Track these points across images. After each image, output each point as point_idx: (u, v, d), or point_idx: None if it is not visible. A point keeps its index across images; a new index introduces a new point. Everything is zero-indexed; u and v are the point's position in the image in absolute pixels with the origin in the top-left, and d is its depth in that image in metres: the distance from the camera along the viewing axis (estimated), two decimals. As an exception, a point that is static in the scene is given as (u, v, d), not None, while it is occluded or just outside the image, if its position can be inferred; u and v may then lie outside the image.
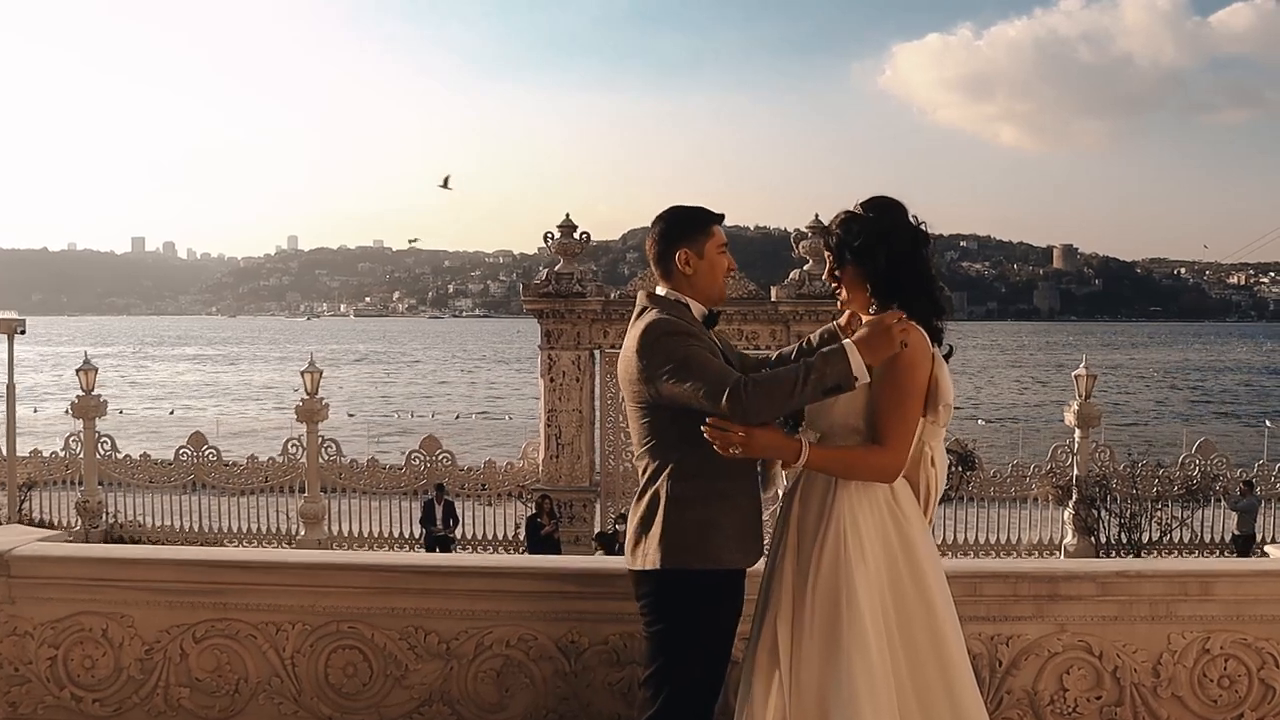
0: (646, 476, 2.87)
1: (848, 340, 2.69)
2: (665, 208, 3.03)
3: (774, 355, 3.18)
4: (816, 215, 14.54)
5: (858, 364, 2.64)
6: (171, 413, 31.95)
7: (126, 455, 16.38)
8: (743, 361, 3.09)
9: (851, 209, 2.90)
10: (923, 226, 2.88)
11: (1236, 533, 14.47)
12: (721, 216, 3.00)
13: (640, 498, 2.88)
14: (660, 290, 2.96)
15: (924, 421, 2.81)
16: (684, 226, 2.96)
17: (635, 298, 3.05)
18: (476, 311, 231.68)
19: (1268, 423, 23.44)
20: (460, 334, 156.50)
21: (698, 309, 2.92)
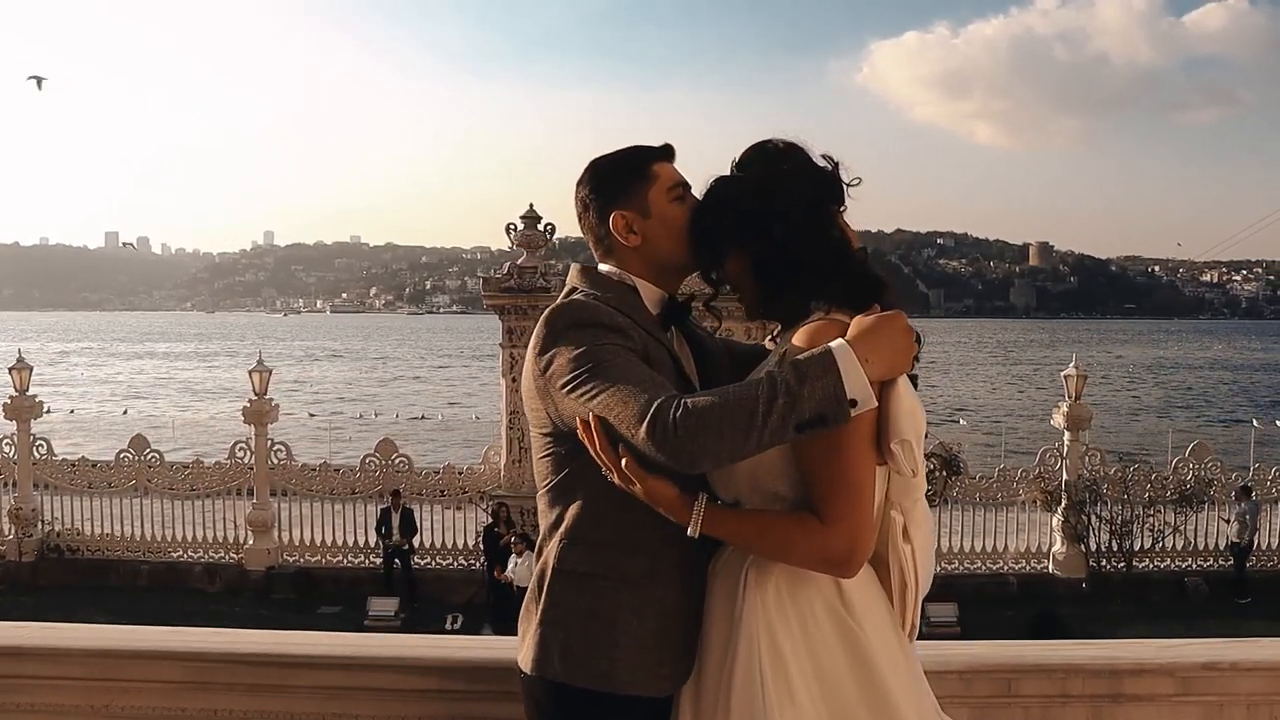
0: (541, 534, 2.05)
1: (840, 340, 1.75)
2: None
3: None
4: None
5: (856, 380, 1.70)
6: (125, 412, 30.71)
7: (64, 458, 15.41)
8: (731, 356, 2.23)
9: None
10: (837, 168, 1.97)
11: (1236, 541, 13.80)
12: (666, 150, 2.10)
13: (536, 562, 2.07)
14: (603, 267, 2.10)
15: (882, 472, 1.86)
16: (613, 180, 2.08)
17: None
18: (454, 308, 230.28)
19: (1255, 422, 22.97)
20: (437, 330, 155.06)
21: (652, 293, 2.06)
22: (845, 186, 1.98)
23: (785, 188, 1.93)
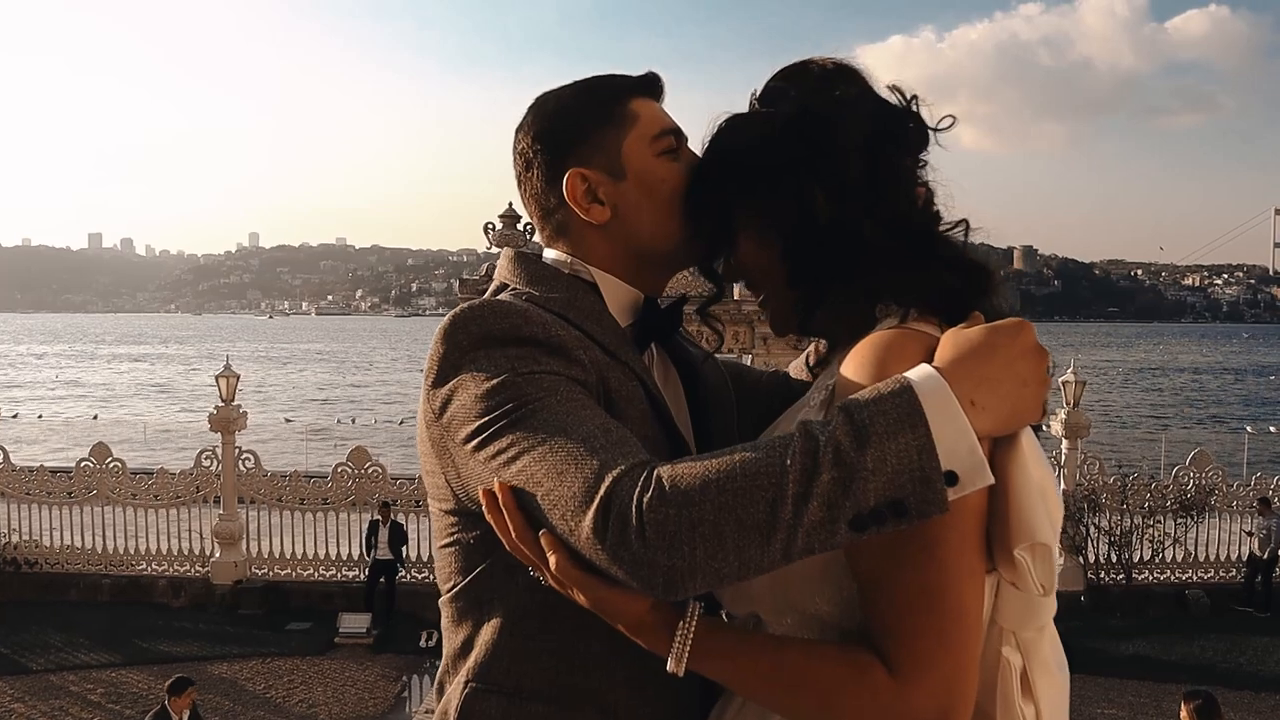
0: (443, 662, 1.42)
1: (926, 369, 1.08)
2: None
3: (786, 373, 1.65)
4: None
5: (958, 439, 1.03)
6: (95, 417, 29.94)
7: (23, 466, 14.77)
8: (742, 391, 1.57)
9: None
10: (914, 102, 1.30)
11: (1259, 555, 13.22)
12: (649, 82, 1.46)
13: (437, 703, 1.43)
14: (550, 254, 1.45)
15: (994, 582, 1.17)
16: (571, 122, 1.41)
17: None
18: (440, 310, 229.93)
19: (1248, 428, 22.68)
20: (422, 333, 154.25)
21: (622, 294, 1.42)
22: (929, 130, 1.30)
23: (837, 127, 1.24)
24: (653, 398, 1.35)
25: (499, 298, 1.38)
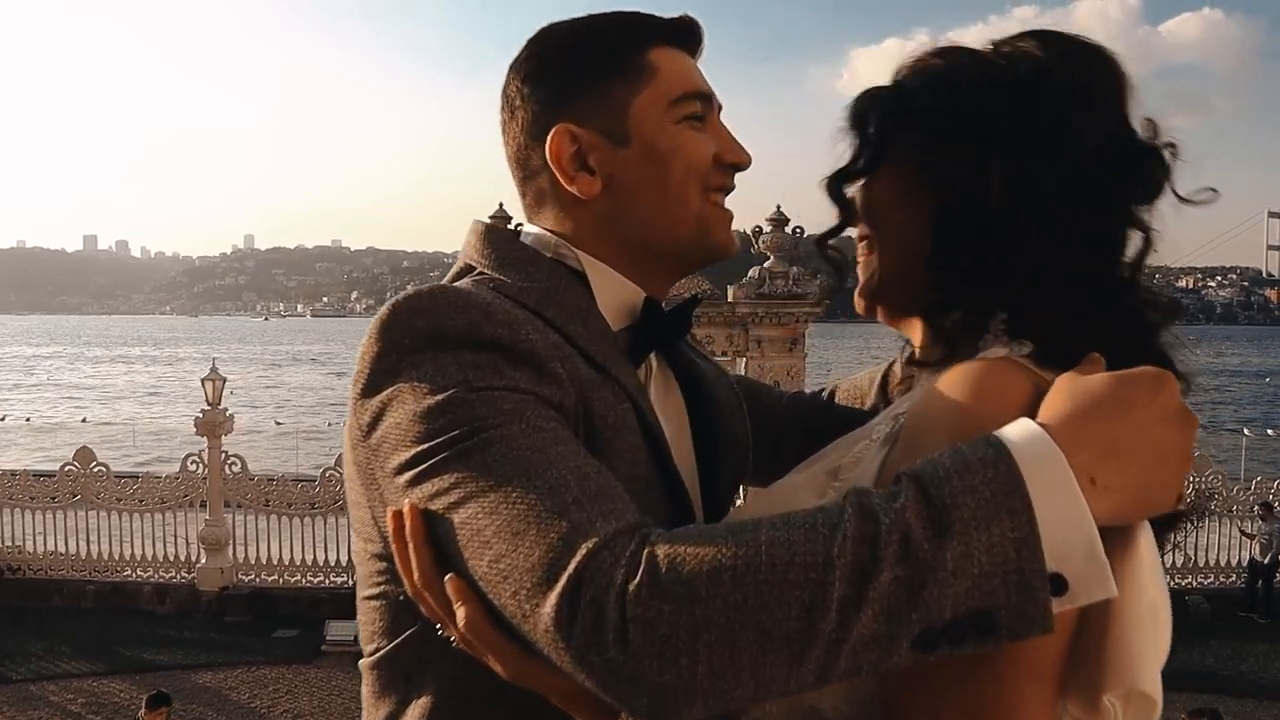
0: None
1: (1027, 425, 0.79)
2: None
3: (831, 393, 1.43)
4: (779, 206, 13.23)
5: (1071, 529, 0.75)
6: (84, 420, 29.68)
7: (5, 470, 14.55)
8: (762, 403, 1.37)
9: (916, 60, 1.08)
10: (1165, 152, 1.01)
11: (1261, 560, 13.04)
12: (681, 28, 1.16)
13: None
14: (531, 232, 1.18)
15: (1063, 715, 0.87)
16: (570, 63, 1.14)
17: None
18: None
19: (1245, 431, 22.57)
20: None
21: (618, 290, 1.14)
22: (1164, 187, 1.01)
23: (1084, 122, 0.97)
24: (648, 426, 1.06)
25: (457, 284, 1.09)
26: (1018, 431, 0.78)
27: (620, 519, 0.83)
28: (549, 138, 1.12)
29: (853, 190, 1.10)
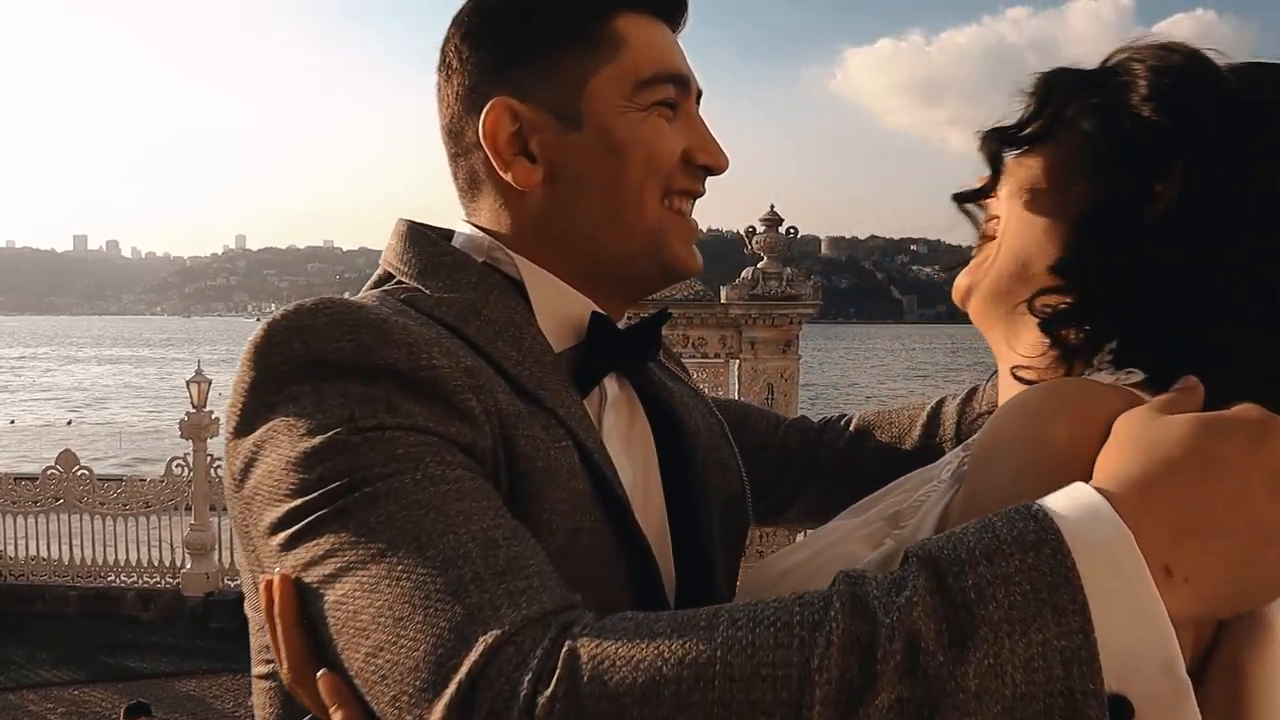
0: None
1: (1086, 495, 0.59)
2: None
3: (848, 422, 1.23)
4: (772, 206, 13.07)
5: (1147, 640, 0.55)
6: (69, 423, 29.39)
7: (-11, 475, 14.34)
8: (754, 432, 1.19)
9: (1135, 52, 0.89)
10: None
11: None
12: None
13: None
14: (463, 232, 0.99)
15: None
16: (523, 26, 0.92)
17: None
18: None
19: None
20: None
21: (562, 303, 0.95)
22: None
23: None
24: (594, 468, 0.86)
25: (358, 296, 0.92)
26: (1069, 501, 0.59)
27: (533, 603, 0.65)
28: (484, 111, 0.92)
29: (1009, 158, 0.91)
